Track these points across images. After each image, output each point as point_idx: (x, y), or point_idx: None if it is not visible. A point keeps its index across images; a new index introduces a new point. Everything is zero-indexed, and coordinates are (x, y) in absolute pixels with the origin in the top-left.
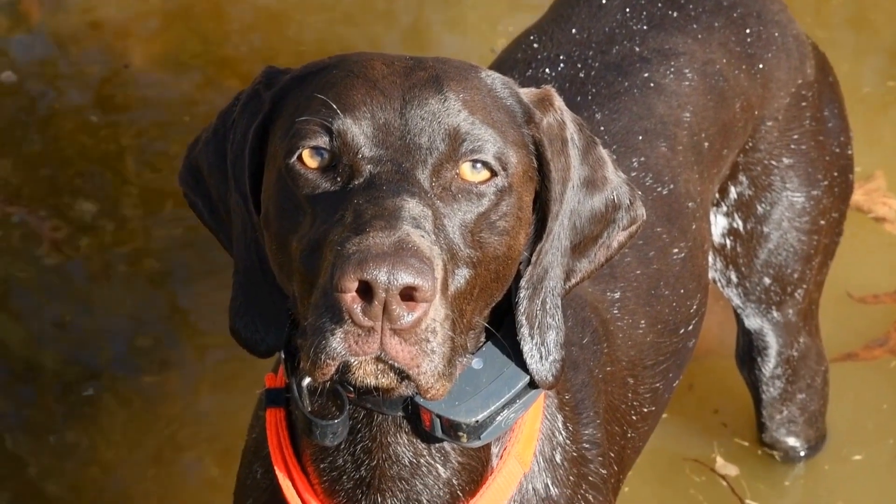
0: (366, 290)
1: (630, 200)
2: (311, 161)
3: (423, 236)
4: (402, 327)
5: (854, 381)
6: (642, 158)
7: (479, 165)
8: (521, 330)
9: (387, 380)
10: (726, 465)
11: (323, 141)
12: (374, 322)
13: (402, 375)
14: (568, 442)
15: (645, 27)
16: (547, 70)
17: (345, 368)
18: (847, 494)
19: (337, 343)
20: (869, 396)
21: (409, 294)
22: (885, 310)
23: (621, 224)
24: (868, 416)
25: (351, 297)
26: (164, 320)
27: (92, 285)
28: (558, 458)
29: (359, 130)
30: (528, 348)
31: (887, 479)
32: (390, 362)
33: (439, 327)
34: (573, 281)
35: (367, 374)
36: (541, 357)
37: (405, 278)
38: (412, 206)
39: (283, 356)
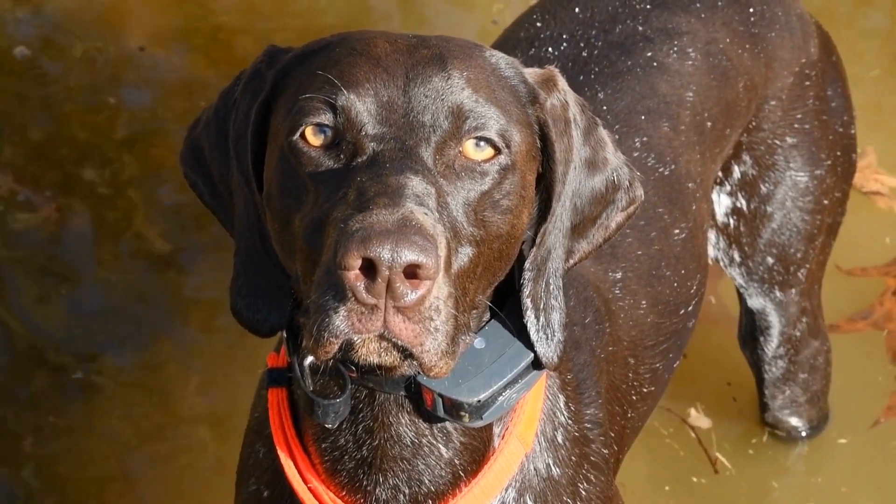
0: (369, 268)
1: (629, 181)
2: (313, 139)
3: (426, 213)
4: (406, 305)
5: (843, 357)
6: (645, 138)
7: (482, 143)
8: (528, 312)
9: (390, 358)
10: (699, 418)
11: (326, 118)
12: (378, 299)
13: (405, 354)
14: (570, 422)
15: (648, 6)
16: (550, 49)
17: (347, 347)
18: (824, 469)
19: (340, 321)
20: (858, 372)
21: (412, 272)
22: (872, 283)
23: (620, 205)
24: (854, 392)
25: (354, 275)
26: (164, 300)
27: (94, 266)
28: (560, 438)
29: (363, 107)
30: (535, 330)
31: (869, 455)
32: (393, 340)
33: (443, 305)
34: (571, 261)
35: (370, 352)
36: (547, 338)
37: (409, 256)
38: (415, 184)
39: (285, 335)
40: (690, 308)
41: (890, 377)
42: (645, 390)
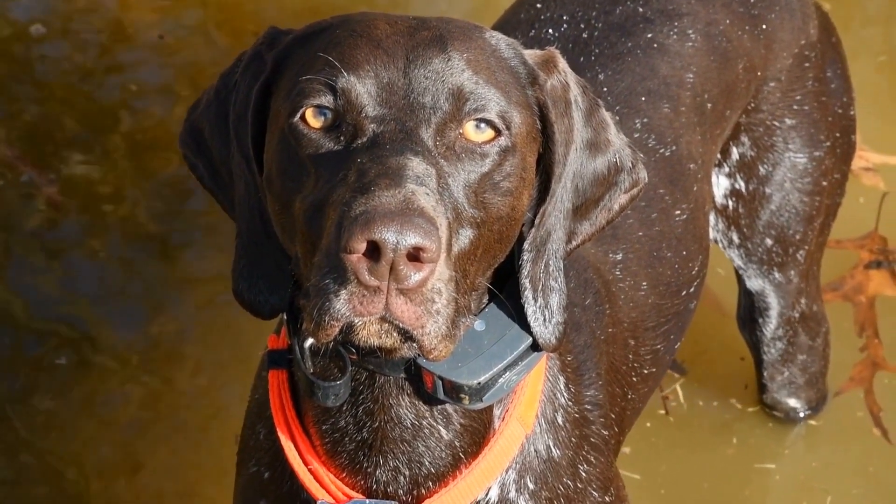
0: (372, 251)
1: (632, 163)
2: (314, 120)
3: (427, 194)
4: (409, 287)
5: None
6: (645, 119)
7: (482, 125)
8: (525, 293)
9: (390, 340)
10: (671, 373)
11: (326, 100)
12: (381, 282)
13: (406, 336)
14: (570, 403)
15: None
16: (550, 31)
17: (348, 329)
18: (790, 440)
19: (341, 304)
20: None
21: (415, 254)
22: (847, 255)
23: (623, 187)
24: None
25: (357, 258)
26: (160, 281)
27: (93, 247)
28: (560, 419)
29: (363, 89)
30: (532, 311)
31: (829, 426)
32: (395, 322)
33: (443, 288)
34: (574, 243)
35: (371, 334)
36: (545, 320)
37: (414, 239)
38: (415, 165)
39: (285, 317)
40: (692, 289)
41: (855, 349)
42: (646, 372)
